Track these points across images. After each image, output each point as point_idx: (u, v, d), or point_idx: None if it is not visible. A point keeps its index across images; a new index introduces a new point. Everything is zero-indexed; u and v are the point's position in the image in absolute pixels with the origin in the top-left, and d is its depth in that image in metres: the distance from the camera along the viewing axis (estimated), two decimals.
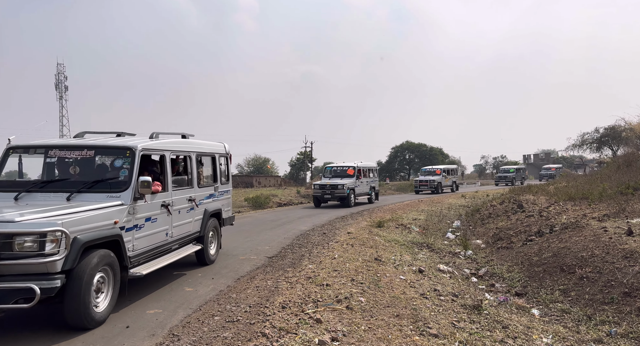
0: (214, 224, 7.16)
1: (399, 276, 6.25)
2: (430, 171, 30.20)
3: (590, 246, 6.65)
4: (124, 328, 4.15)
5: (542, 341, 4.34)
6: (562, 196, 12.27)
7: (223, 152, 7.82)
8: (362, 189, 19.46)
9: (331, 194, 17.99)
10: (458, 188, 32.22)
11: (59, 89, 57.02)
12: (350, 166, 19.20)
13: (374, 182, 21.36)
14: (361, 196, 19.54)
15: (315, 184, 18.99)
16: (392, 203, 19.98)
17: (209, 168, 7.28)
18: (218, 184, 7.41)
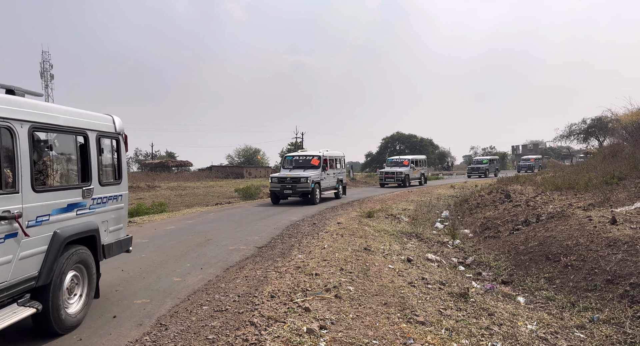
0: (78, 259, 4.05)
1: (387, 265, 6.30)
2: (397, 162, 26.95)
3: (575, 234, 6.76)
4: (110, 318, 4.13)
5: (526, 327, 4.42)
6: (549, 186, 12.43)
7: (109, 132, 4.87)
8: (329, 182, 16.74)
9: (292, 189, 15.09)
10: (426, 180, 29.21)
11: (44, 77, 55.87)
12: (315, 155, 16.45)
13: (342, 174, 18.54)
14: (327, 190, 16.87)
15: (273, 176, 15.79)
16: (359, 198, 17.79)
17: (71, 156, 4.33)
18: (92, 184, 4.41)
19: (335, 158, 18.20)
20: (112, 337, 3.70)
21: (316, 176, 15.71)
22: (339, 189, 18.41)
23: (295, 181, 15.16)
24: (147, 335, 3.71)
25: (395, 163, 26.93)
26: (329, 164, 17.10)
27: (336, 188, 18.14)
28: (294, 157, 17.11)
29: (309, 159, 16.53)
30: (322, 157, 16.51)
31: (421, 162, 28.62)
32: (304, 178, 15.15)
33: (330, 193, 17.95)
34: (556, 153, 68.94)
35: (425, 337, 3.76)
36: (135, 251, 7.18)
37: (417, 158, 28.36)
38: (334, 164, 17.99)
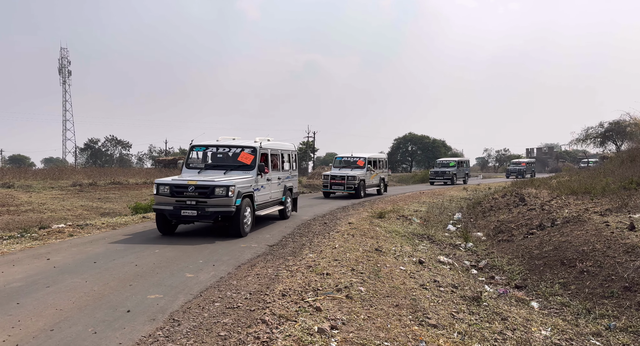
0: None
1: (399, 266, 6.26)
2: (348, 162, 18.69)
3: (591, 240, 6.64)
4: (125, 312, 4.18)
5: (540, 333, 4.35)
6: (565, 190, 12.23)
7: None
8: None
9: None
10: (386, 188, 21.20)
11: (62, 73, 56.86)
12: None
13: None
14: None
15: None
16: (370, 199, 17.47)
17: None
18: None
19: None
20: (126, 331, 3.74)
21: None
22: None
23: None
24: (160, 330, 3.75)
25: (346, 163, 18.71)
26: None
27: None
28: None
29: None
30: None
31: (382, 163, 20.69)
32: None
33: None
34: (572, 157, 67.77)
35: (438, 340, 3.73)
36: (149, 247, 7.27)
37: (378, 157, 20.26)
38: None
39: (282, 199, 10.79)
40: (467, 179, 31.51)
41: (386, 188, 20.89)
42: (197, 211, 7.91)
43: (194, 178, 8.41)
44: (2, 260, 6.23)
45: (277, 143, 11.00)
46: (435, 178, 29.98)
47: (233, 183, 8.03)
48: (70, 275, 5.45)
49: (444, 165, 30.58)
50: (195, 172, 9.24)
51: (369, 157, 18.58)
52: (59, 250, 6.96)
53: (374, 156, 19.32)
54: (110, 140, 72.69)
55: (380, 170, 19.97)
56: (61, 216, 14.08)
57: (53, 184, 25.43)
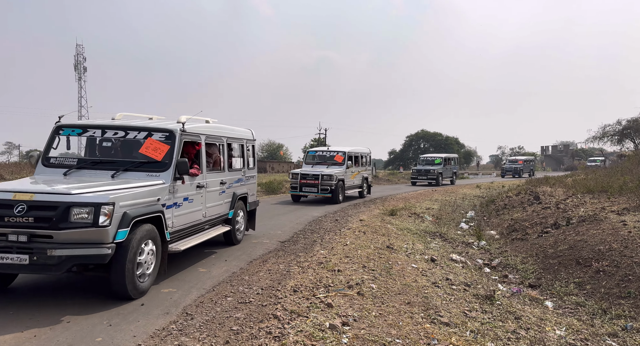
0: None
1: (410, 264, 6.23)
2: (324, 157, 15.22)
3: (608, 239, 6.52)
4: (139, 305, 4.24)
5: (555, 333, 4.29)
6: (581, 189, 12.01)
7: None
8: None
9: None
10: (370, 190, 17.56)
11: (77, 70, 57.69)
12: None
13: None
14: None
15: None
16: (382, 196, 17.01)
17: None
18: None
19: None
20: (140, 324, 3.80)
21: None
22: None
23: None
24: (173, 324, 3.79)
25: (321, 159, 15.21)
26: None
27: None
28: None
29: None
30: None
31: (364, 160, 16.83)
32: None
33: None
34: (588, 155, 66.57)
35: (450, 338, 3.71)
36: None
37: (359, 152, 16.29)
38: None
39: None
40: (454, 178, 26.90)
41: (370, 190, 17.38)
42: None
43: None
44: None
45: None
46: (418, 177, 25.05)
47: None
48: None
49: (429, 162, 25.74)
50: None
51: (350, 151, 15.17)
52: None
53: (355, 150, 15.87)
54: None
55: (364, 168, 16.58)
56: None
57: None
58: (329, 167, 14.51)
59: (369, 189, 17.40)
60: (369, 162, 17.49)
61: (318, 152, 15.64)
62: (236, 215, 7.14)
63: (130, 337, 3.53)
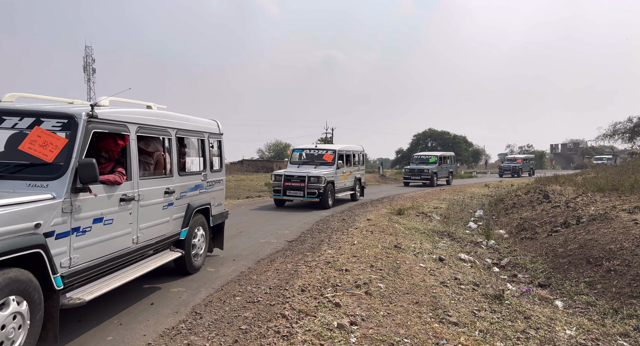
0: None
1: (418, 263, 6.21)
2: (311, 155, 13.69)
3: (619, 238, 6.44)
4: (148, 304, 4.28)
5: (565, 333, 4.25)
6: (591, 187, 11.88)
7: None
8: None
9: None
10: (363, 192, 15.72)
11: (87, 71, 58.24)
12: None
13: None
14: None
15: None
16: (389, 195, 16.69)
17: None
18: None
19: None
20: (150, 323, 3.83)
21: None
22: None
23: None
24: (182, 323, 3.83)
25: (308, 158, 13.73)
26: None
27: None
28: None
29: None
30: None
31: (357, 160, 15.15)
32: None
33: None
34: (598, 153, 65.80)
35: (459, 338, 3.69)
36: None
37: (351, 150, 14.66)
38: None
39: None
40: (451, 178, 24.61)
41: (363, 192, 15.70)
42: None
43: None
44: None
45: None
46: (411, 177, 23.03)
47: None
48: None
49: (423, 161, 23.74)
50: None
51: (341, 149, 13.70)
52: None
53: (347, 148, 14.45)
54: None
55: (356, 167, 14.88)
56: None
57: None
58: (317, 167, 12.98)
59: (362, 192, 15.59)
60: (362, 162, 15.64)
61: (305, 150, 13.99)
62: (192, 235, 5.36)
63: (140, 336, 3.57)
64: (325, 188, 12.24)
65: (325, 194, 12.26)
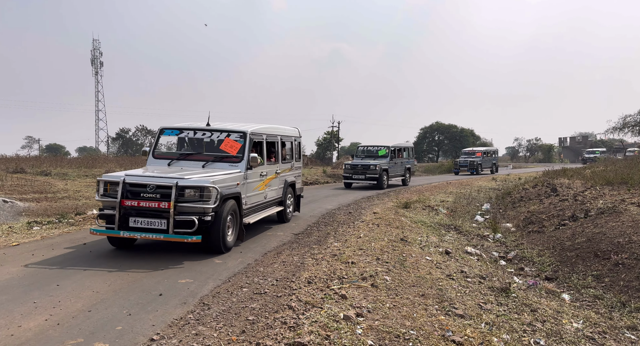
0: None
1: (425, 256, 6.22)
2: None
3: (627, 231, 6.39)
4: (157, 295, 4.33)
5: (572, 326, 4.25)
6: (599, 181, 11.77)
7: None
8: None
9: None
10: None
11: (94, 64, 58.45)
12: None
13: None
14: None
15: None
16: (395, 189, 17.31)
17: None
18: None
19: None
20: (159, 314, 3.88)
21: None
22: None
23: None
24: (191, 313, 3.87)
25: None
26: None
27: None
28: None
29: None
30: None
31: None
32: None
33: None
34: (607, 146, 65.04)
35: (465, 330, 3.70)
36: None
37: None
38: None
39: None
40: (408, 177, 19.35)
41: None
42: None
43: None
44: (43, 244, 6.55)
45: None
46: (353, 176, 17.14)
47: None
48: (105, 259, 5.68)
49: (370, 154, 18.15)
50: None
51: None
52: (94, 235, 7.25)
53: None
54: (141, 130, 74.65)
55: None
56: (95, 203, 14.64)
57: (87, 173, 26.38)
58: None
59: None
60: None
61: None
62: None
63: (149, 326, 3.62)
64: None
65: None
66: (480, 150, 30.12)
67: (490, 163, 30.05)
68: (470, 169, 28.31)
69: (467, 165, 28.41)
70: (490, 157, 30.21)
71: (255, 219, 7.16)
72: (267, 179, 7.66)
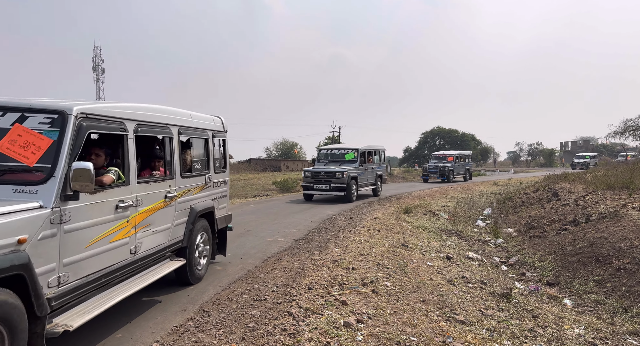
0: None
1: (426, 262, 6.20)
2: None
3: (629, 236, 6.37)
4: (157, 302, 4.33)
5: (573, 331, 4.22)
6: (601, 185, 11.75)
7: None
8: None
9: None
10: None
11: (96, 71, 58.72)
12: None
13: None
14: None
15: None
16: (396, 194, 16.88)
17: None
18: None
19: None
20: (158, 321, 3.88)
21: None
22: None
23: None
24: (190, 321, 3.86)
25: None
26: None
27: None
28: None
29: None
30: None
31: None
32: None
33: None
34: (609, 150, 64.93)
35: (466, 336, 3.69)
36: None
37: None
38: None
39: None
40: (379, 186, 16.47)
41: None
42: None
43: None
44: None
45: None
46: (315, 185, 13.98)
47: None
48: None
49: (335, 159, 15.00)
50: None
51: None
52: None
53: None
54: None
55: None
56: None
57: None
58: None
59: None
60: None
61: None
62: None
63: (148, 334, 3.61)
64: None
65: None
66: (452, 154, 26.22)
67: (463, 169, 26.73)
68: (440, 176, 24.93)
69: (437, 171, 25.00)
70: (463, 162, 26.92)
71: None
72: (141, 213, 3.91)
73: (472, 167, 29.03)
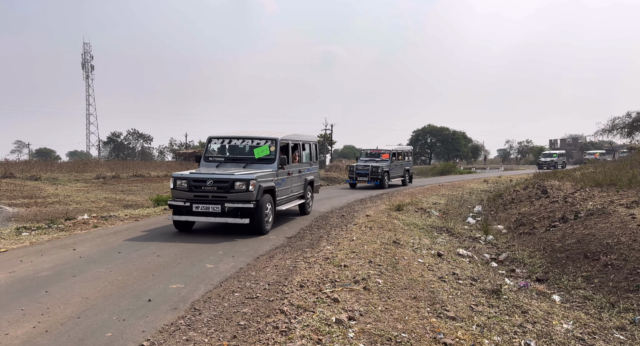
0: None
1: (417, 259, 6.24)
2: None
3: (616, 233, 6.47)
4: (147, 301, 4.30)
5: (562, 326, 4.28)
6: (589, 182, 11.91)
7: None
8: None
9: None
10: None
11: (85, 68, 57.99)
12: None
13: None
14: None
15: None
16: (388, 191, 17.07)
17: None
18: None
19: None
20: (149, 319, 3.85)
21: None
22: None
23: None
24: (181, 319, 3.84)
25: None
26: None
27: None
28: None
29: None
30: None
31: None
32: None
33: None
34: (597, 148, 65.79)
35: (456, 332, 3.72)
36: (170, 238, 7.43)
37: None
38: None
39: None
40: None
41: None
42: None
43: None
44: (31, 250, 6.47)
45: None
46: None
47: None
48: (95, 265, 5.62)
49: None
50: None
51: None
52: (85, 241, 7.18)
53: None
54: (132, 134, 74.19)
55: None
56: (86, 207, 14.49)
57: (78, 177, 26.15)
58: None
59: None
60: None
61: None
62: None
63: (139, 332, 3.58)
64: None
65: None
66: (389, 150, 19.56)
67: (402, 170, 20.73)
68: (372, 179, 18.61)
69: (368, 173, 18.64)
70: (402, 161, 20.72)
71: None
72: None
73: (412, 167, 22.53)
